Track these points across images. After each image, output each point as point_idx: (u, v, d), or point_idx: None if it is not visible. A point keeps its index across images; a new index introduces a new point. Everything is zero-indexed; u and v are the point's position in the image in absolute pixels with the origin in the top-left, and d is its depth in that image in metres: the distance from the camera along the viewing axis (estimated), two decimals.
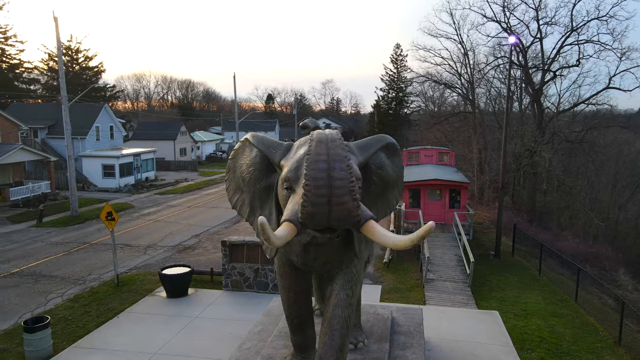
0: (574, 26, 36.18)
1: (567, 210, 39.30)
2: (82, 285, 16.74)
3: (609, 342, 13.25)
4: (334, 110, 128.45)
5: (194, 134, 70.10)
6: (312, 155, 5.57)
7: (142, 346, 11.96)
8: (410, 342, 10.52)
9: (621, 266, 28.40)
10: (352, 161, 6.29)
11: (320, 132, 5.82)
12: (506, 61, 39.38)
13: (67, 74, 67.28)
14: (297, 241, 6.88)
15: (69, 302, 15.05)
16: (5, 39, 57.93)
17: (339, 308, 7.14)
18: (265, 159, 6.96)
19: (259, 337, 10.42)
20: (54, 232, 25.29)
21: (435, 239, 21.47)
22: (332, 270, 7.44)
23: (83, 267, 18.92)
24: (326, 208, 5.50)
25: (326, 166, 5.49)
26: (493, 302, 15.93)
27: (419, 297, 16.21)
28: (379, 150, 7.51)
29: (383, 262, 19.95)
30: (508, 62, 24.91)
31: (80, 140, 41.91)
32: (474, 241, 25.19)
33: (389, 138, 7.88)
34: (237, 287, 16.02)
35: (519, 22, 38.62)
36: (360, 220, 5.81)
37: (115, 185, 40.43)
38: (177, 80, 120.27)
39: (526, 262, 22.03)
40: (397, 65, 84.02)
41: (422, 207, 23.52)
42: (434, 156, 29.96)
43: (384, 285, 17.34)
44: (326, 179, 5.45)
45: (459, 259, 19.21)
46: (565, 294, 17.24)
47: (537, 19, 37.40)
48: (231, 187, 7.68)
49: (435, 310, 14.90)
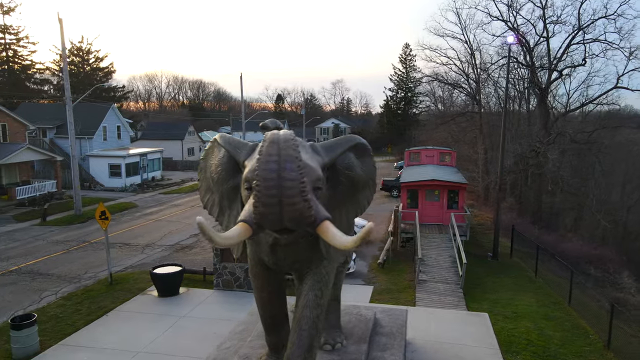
0: (580, 25, 35.73)
1: (573, 211, 38.80)
2: (77, 284, 16.97)
3: (598, 346, 13.08)
4: (344, 110, 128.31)
5: (202, 134, 70.57)
6: (264, 156, 5.62)
7: (128, 345, 12.09)
8: (391, 343, 10.48)
9: (625, 268, 27.98)
10: (312, 161, 6.31)
11: (274, 133, 5.85)
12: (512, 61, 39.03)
13: (78, 74, 68.31)
14: (265, 241, 6.94)
15: (62, 300, 15.27)
16: (17, 40, 58.90)
17: (308, 309, 7.17)
18: (232, 159, 7.01)
19: (240, 336, 10.47)
20: (56, 230, 25.66)
21: (431, 240, 21.38)
22: (302, 270, 7.46)
23: (80, 266, 19.17)
24: (277, 208, 5.53)
25: (277, 167, 5.51)
26: (484, 304, 15.82)
27: (410, 298, 16.15)
28: (347, 150, 7.50)
29: (377, 262, 19.92)
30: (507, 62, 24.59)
31: (87, 140, 42.51)
32: (474, 242, 25.05)
33: (358, 138, 7.89)
34: (228, 286, 16.12)
35: (525, 21, 38.27)
36: (315, 220, 5.80)
37: (121, 184, 40.88)
38: (189, 81, 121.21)
39: (524, 263, 21.84)
40: (405, 65, 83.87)
41: (420, 208, 23.42)
42: (435, 156, 29.80)
43: (376, 286, 17.32)
44: (276, 179, 5.47)
45: (453, 261, 19.09)
46: (559, 296, 17.05)
47: (543, 17, 37.01)
48: (203, 187, 7.76)
49: (425, 311, 14.84)
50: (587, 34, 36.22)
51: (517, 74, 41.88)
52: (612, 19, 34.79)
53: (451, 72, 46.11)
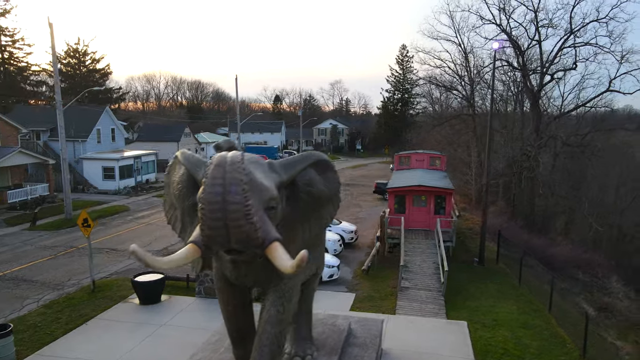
0: (572, 28, 35.76)
1: (564, 215, 38.84)
2: (59, 291, 17.02)
3: (575, 355, 13.13)
4: (343, 110, 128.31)
5: (199, 136, 70.57)
6: (209, 179, 5.68)
7: (105, 354, 12.13)
8: (362, 354, 10.52)
9: (614, 273, 28.02)
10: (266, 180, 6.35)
11: (221, 156, 5.90)
12: (504, 64, 39.11)
13: (74, 76, 68.39)
14: (226, 258, 7.01)
15: (43, 308, 15.33)
16: (13, 42, 58.92)
17: (269, 324, 7.27)
18: (191, 177, 7.08)
19: (214, 347, 10.50)
20: (45, 235, 25.72)
21: (417, 246, 21.43)
22: (264, 285, 7.55)
23: (65, 272, 19.23)
24: (224, 231, 5.62)
25: (222, 190, 5.58)
26: (464, 312, 15.86)
27: (391, 306, 16.20)
28: (308, 167, 7.59)
29: (362, 269, 19.97)
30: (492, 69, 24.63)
31: (81, 143, 42.56)
32: (462, 247, 25.11)
33: (319, 155, 7.99)
34: (210, 294, 16.14)
35: (518, 24, 38.29)
36: (263, 242, 5.87)
37: (115, 187, 40.93)
38: (187, 82, 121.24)
39: (510, 269, 21.87)
40: (402, 67, 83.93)
41: (408, 213, 23.47)
42: (425, 161, 29.86)
43: (358, 294, 17.37)
44: (221, 202, 5.55)
45: (437, 267, 19.13)
46: (541, 303, 17.09)
47: (535, 21, 37.04)
48: (167, 203, 7.86)
49: (405, 320, 14.90)
50: (579, 38, 36.28)
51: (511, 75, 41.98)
52: (603, 22, 34.86)
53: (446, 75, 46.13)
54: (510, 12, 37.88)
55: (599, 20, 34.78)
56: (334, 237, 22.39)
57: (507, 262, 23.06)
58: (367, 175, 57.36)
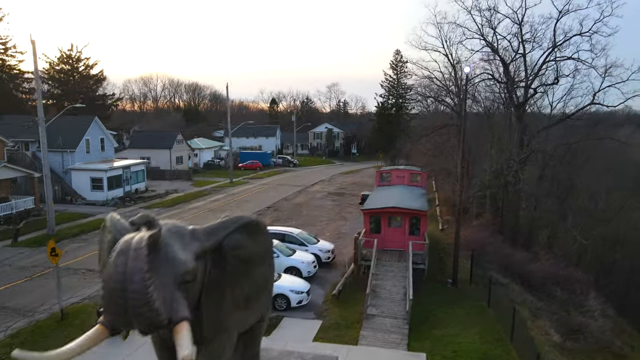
0: (555, 42, 35.81)
1: (547, 229, 38.94)
2: (30, 318, 17.22)
3: None
4: (340, 113, 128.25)
5: (192, 142, 70.73)
6: (112, 267, 5.88)
7: None
8: None
9: (593, 289, 28.15)
10: (183, 252, 6.56)
11: (124, 242, 6.05)
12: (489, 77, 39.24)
13: (68, 82, 68.59)
14: None
15: (8, 339, 15.54)
16: (5, 50, 59.22)
17: None
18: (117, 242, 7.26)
19: None
20: (26, 252, 25.90)
21: (389, 269, 21.59)
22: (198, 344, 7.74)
23: (38, 296, 19.41)
24: (126, 317, 5.84)
25: (123, 278, 5.78)
26: (427, 342, 16.01)
27: (355, 335, 16.34)
28: (235, 231, 7.79)
29: (332, 293, 20.09)
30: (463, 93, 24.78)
31: (69, 154, 42.77)
32: (439, 265, 25.26)
33: (248, 218, 8.18)
34: None
35: (502, 37, 38.30)
36: (169, 323, 6.09)
37: (103, 198, 41.13)
38: (184, 84, 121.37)
39: (482, 290, 21.96)
40: (397, 72, 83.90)
41: (383, 234, 23.62)
42: (405, 177, 30.03)
43: (325, 321, 17.53)
44: (121, 290, 5.76)
45: (406, 292, 19.26)
46: (503, 332, 17.19)
47: (520, 34, 37.09)
48: (101, 260, 8.04)
49: (365, 351, 15.08)
50: (562, 52, 36.33)
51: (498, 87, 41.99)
52: (587, 36, 34.84)
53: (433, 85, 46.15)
54: (495, 25, 37.95)
55: (582, 34, 34.80)
56: (308, 258, 22.51)
57: (482, 281, 23.16)
58: (358, 183, 57.36)
